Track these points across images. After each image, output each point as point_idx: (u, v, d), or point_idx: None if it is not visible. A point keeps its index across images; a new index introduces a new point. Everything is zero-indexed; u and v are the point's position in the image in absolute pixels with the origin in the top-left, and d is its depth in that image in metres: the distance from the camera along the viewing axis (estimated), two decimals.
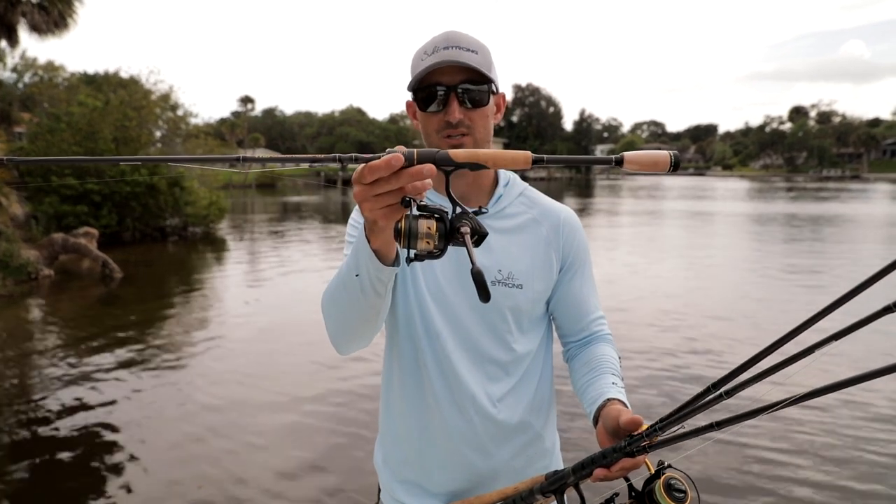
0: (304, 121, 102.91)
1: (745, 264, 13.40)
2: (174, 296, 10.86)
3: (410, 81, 1.32)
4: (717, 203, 35.29)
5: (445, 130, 1.30)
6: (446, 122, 1.29)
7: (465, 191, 1.41)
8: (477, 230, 0.84)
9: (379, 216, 0.90)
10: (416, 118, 1.38)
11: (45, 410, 5.38)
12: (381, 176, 0.84)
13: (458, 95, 1.28)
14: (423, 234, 0.84)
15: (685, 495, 1.03)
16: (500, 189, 1.45)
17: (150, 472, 4.30)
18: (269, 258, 14.81)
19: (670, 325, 7.89)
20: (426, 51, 1.29)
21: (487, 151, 0.90)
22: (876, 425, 4.85)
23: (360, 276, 1.07)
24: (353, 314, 1.17)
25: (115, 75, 23.39)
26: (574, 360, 1.48)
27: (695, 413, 0.98)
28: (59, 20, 15.66)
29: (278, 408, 5.42)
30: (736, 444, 4.52)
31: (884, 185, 59.06)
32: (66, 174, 16.41)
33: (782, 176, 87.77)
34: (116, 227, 17.04)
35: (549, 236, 1.45)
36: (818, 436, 4.68)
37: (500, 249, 1.39)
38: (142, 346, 7.33)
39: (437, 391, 1.41)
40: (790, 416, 4.94)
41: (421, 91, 1.31)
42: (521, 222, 1.44)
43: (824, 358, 0.78)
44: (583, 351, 1.47)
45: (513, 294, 1.39)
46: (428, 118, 1.32)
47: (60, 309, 9.94)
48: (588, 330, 1.49)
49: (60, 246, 12.56)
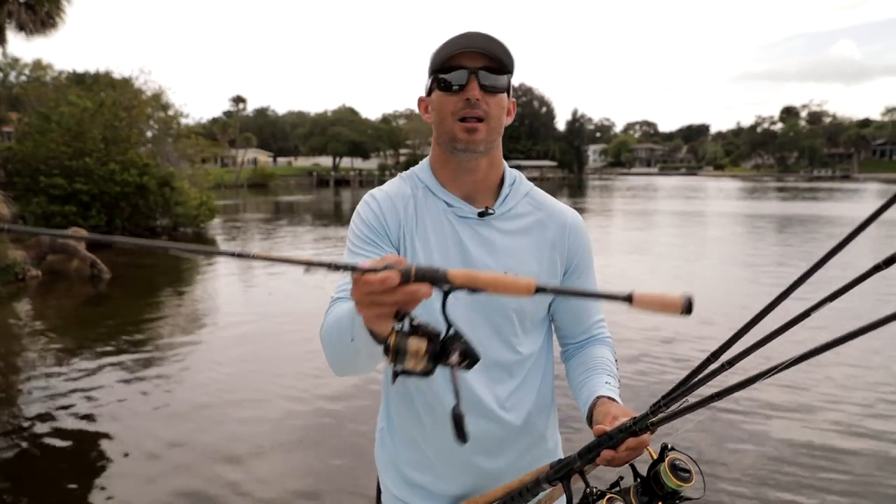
0: (296, 120, 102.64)
1: (737, 267, 13.42)
2: (163, 297, 10.78)
3: (431, 64, 1.35)
4: (710, 202, 35.38)
5: (462, 111, 1.31)
6: (465, 100, 1.30)
7: (471, 189, 1.41)
8: (468, 353, 0.83)
9: (371, 321, 0.91)
10: (427, 112, 1.40)
11: (29, 412, 5.31)
12: (373, 290, 0.83)
13: (479, 77, 1.30)
14: (411, 353, 0.83)
15: (689, 474, 1.04)
16: (506, 188, 1.44)
17: (134, 472, 4.23)
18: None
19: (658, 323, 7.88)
20: (451, 40, 1.32)
21: (487, 276, 0.85)
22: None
23: (354, 341, 1.05)
24: (350, 362, 1.17)
25: (106, 75, 23.25)
26: (571, 360, 1.51)
27: (698, 386, 0.98)
28: (47, 19, 15.54)
29: (271, 408, 5.35)
30: (720, 422, 4.60)
31: (874, 185, 59.45)
32: (55, 174, 16.30)
33: (773, 176, 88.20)
34: (106, 227, 16.94)
35: (554, 239, 1.45)
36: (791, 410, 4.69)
37: (506, 251, 1.39)
38: (129, 347, 7.25)
39: (442, 395, 1.39)
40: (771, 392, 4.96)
41: (443, 71, 1.32)
42: (528, 224, 1.44)
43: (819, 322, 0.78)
44: (580, 352, 1.49)
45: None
46: (445, 99, 1.33)
47: (47, 310, 9.84)
48: (588, 332, 1.51)
49: (48, 246, 12.45)
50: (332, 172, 76.02)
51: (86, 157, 16.66)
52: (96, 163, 16.73)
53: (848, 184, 64.77)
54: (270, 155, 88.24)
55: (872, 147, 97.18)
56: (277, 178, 66.17)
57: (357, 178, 69.44)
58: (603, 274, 11.59)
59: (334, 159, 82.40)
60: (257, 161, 77.41)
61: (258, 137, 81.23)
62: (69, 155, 16.76)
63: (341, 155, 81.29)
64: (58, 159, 16.75)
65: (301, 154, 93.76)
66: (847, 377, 5.91)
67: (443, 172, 1.41)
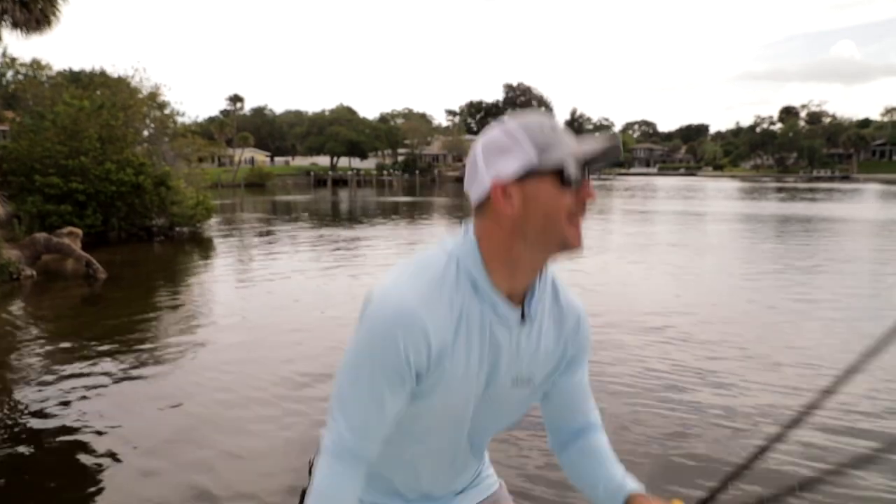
0: (293, 120, 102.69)
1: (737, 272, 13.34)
2: (159, 296, 10.65)
3: (551, 155, 1.10)
4: (710, 203, 35.34)
5: (580, 211, 1.12)
6: (583, 200, 1.13)
7: (522, 289, 1.21)
8: None
9: None
10: (509, 201, 1.11)
11: (23, 412, 5.23)
12: None
13: (593, 171, 1.16)
14: None
15: None
16: (535, 284, 1.24)
17: (127, 474, 4.15)
18: (257, 258, 14.65)
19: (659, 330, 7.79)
20: (550, 126, 1.12)
21: None
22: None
23: None
24: None
25: (102, 74, 23.13)
26: (568, 449, 1.44)
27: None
28: (42, 17, 15.36)
29: (267, 408, 5.25)
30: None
31: (873, 186, 59.47)
32: (50, 173, 16.19)
33: (773, 176, 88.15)
34: (101, 226, 16.80)
35: (567, 335, 1.32)
36: None
37: (532, 358, 1.26)
38: (125, 346, 7.14)
39: (422, 480, 1.39)
40: None
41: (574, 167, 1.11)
42: (548, 318, 1.28)
43: None
44: (578, 440, 1.42)
45: (531, 393, 1.33)
46: (561, 196, 1.10)
47: (42, 309, 9.74)
48: (586, 418, 1.43)
49: (43, 246, 12.35)
50: (330, 172, 76.01)
51: (81, 156, 16.52)
52: (92, 162, 16.58)
53: (847, 184, 64.78)
54: (268, 154, 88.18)
55: (872, 147, 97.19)
56: (275, 177, 66.07)
57: (355, 177, 69.34)
58: (602, 276, 11.61)
59: (332, 159, 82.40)
60: (254, 160, 77.31)
61: (255, 137, 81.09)
62: (65, 154, 16.62)
63: (339, 154, 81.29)
64: (53, 158, 16.61)
65: (298, 153, 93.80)
66: None
67: (497, 266, 1.16)
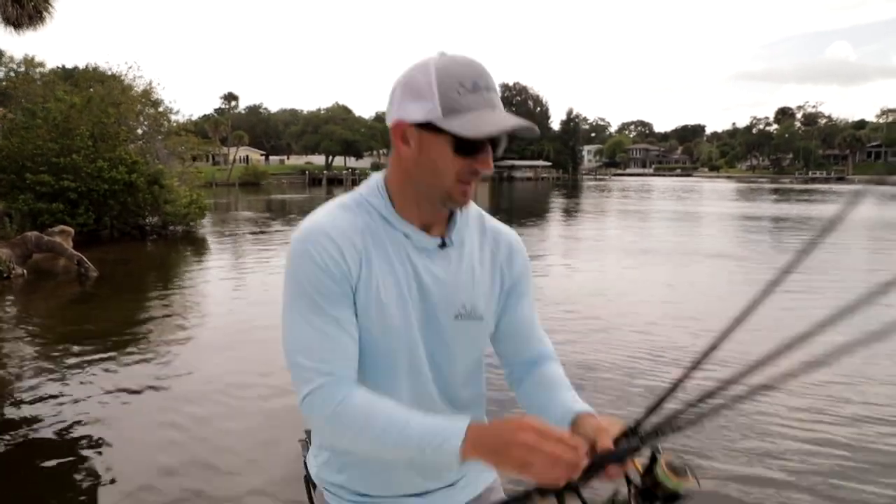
0: (289, 118, 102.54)
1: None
2: (151, 296, 10.50)
3: (454, 120, 1.12)
4: (705, 203, 35.35)
5: (470, 177, 1.18)
6: (475, 169, 1.17)
7: (430, 219, 1.27)
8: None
9: (540, 477, 0.98)
10: (406, 143, 1.18)
11: (15, 411, 5.14)
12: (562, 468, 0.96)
13: (495, 146, 1.19)
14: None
15: (686, 471, 1.03)
16: (457, 214, 1.32)
17: (120, 473, 4.08)
18: (251, 257, 14.53)
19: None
20: (468, 86, 1.12)
21: None
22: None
23: (427, 453, 1.06)
24: (393, 456, 1.12)
25: (95, 70, 22.94)
26: (523, 383, 1.41)
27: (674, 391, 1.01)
28: (35, 14, 15.22)
29: (263, 404, 5.17)
30: None
31: (869, 187, 59.51)
32: (42, 171, 16.01)
33: (768, 177, 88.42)
34: (94, 225, 16.65)
35: (502, 262, 1.38)
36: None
37: (462, 285, 1.30)
38: (117, 345, 7.01)
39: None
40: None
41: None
42: (478, 249, 1.35)
43: None
44: (533, 372, 1.40)
45: (477, 327, 1.34)
46: (454, 160, 1.16)
47: (32, 308, 9.60)
48: (535, 349, 1.42)
49: (34, 244, 12.19)
50: (325, 171, 75.88)
51: (73, 153, 16.34)
52: (84, 160, 16.41)
53: (843, 186, 64.97)
54: (263, 153, 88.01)
55: (867, 149, 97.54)
56: (269, 176, 65.91)
57: (350, 176, 69.22)
58: (600, 278, 11.54)
59: (327, 158, 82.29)
60: (249, 159, 77.12)
61: (250, 135, 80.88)
62: (56, 152, 16.44)
63: (334, 153, 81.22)
64: (45, 156, 16.42)
65: (294, 152, 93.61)
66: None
67: (402, 200, 1.25)
